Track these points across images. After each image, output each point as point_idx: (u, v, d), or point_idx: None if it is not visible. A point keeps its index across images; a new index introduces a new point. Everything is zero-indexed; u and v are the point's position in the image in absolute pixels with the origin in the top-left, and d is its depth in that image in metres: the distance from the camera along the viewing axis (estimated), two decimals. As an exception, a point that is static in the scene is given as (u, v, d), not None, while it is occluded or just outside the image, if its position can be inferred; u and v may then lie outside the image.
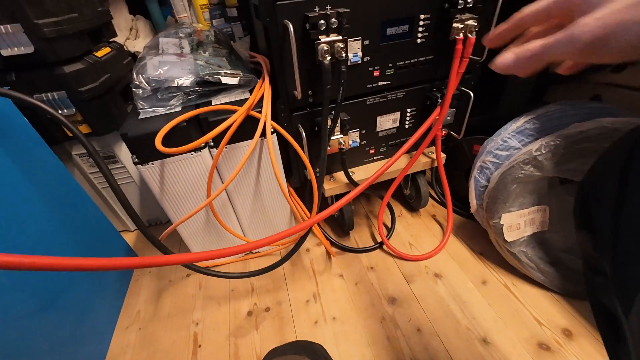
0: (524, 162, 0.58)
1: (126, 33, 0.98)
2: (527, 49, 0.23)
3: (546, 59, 0.22)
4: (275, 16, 0.47)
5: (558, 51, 0.21)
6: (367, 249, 0.75)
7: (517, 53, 0.23)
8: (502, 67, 0.24)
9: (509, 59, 0.24)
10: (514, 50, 0.24)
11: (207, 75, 0.54)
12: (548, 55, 0.22)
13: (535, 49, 0.22)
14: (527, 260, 0.62)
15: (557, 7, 0.22)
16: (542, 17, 0.24)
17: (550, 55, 0.22)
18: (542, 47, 0.22)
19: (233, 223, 0.69)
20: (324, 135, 0.57)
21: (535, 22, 0.25)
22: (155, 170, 0.54)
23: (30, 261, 0.21)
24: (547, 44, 0.22)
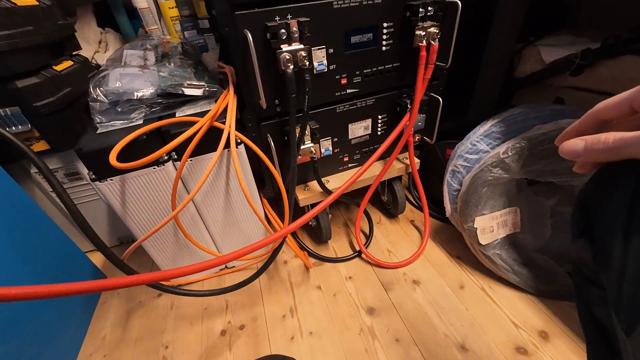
0: (493, 165, 0.58)
1: (95, 46, 0.96)
2: (601, 140, 0.21)
3: (622, 154, 0.21)
4: (234, 26, 0.46)
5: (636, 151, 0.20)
6: (345, 259, 0.74)
7: (589, 142, 0.22)
8: (569, 153, 0.23)
9: (579, 147, 0.23)
10: (585, 139, 0.22)
11: (168, 87, 0.53)
12: (623, 152, 0.20)
13: (610, 141, 0.21)
14: (501, 263, 0.63)
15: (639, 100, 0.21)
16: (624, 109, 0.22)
17: (627, 152, 0.20)
18: (620, 141, 0.20)
19: (205, 238, 0.66)
20: (293, 144, 0.56)
21: (615, 113, 0.22)
22: (115, 187, 0.51)
23: None
24: (624, 140, 0.20)
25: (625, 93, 0.22)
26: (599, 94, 0.65)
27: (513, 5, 0.65)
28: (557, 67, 0.68)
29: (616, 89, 0.63)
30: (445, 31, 0.59)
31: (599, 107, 0.23)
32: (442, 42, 0.58)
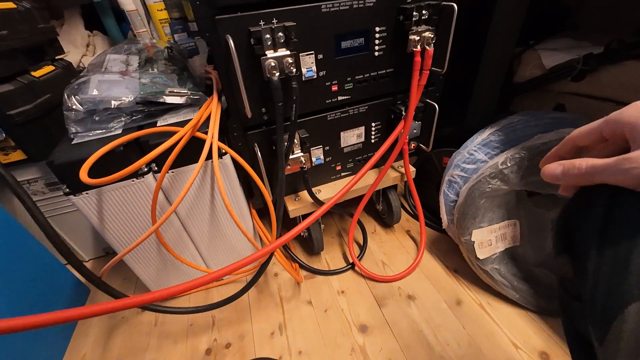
0: (491, 176, 0.56)
1: (82, 49, 0.93)
2: (575, 166, 0.23)
3: (594, 180, 0.23)
4: (216, 31, 0.43)
5: (606, 177, 0.22)
6: (337, 271, 0.71)
7: (565, 168, 0.24)
8: (550, 177, 0.25)
9: (557, 171, 0.25)
10: (563, 163, 0.24)
11: (148, 95, 0.50)
12: (595, 177, 0.22)
13: (583, 168, 0.23)
14: (500, 279, 0.60)
15: (609, 129, 0.23)
16: (595, 137, 0.24)
17: (598, 179, 0.22)
18: (591, 168, 0.22)
19: (191, 252, 0.63)
20: (281, 155, 0.53)
21: (588, 141, 0.25)
22: (92, 200, 0.49)
23: None
24: (596, 166, 0.22)
25: (596, 122, 0.24)
26: (602, 100, 0.62)
27: (511, 7, 0.63)
28: (558, 72, 0.66)
29: (621, 95, 0.60)
30: (441, 35, 0.56)
31: (574, 134, 0.26)
32: (437, 47, 0.55)
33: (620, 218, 0.22)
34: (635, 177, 0.20)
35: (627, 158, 0.20)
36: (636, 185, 0.20)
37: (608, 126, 0.23)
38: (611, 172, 0.21)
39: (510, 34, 0.66)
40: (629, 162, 0.20)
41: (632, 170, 0.20)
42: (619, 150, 0.23)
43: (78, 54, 0.91)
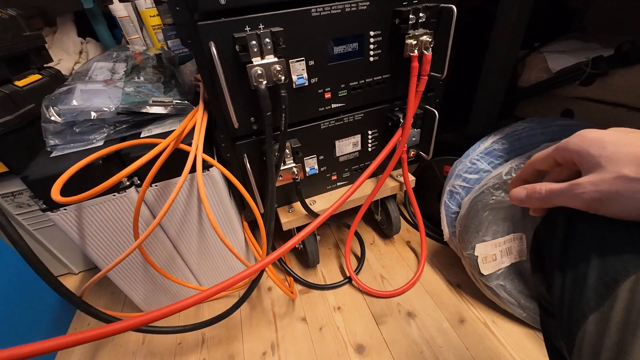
0: (495, 187, 0.52)
1: (75, 57, 0.92)
2: (536, 190, 0.25)
3: (553, 203, 0.25)
4: (198, 38, 0.41)
5: (562, 201, 0.24)
6: (333, 286, 0.67)
7: (528, 192, 0.26)
8: (516, 200, 0.27)
9: (521, 195, 0.27)
10: (526, 187, 0.26)
11: (130, 105, 0.48)
12: (553, 201, 0.24)
13: (543, 192, 0.25)
14: (506, 296, 0.56)
15: (560, 156, 0.25)
16: (550, 162, 0.26)
17: (556, 202, 0.24)
18: (549, 193, 0.24)
19: (180, 267, 0.61)
20: (271, 167, 0.50)
21: (545, 166, 0.27)
22: (71, 217, 0.46)
23: None
24: (553, 192, 0.24)
25: (549, 149, 0.26)
26: (613, 105, 0.59)
27: (515, 8, 0.59)
28: (565, 76, 0.62)
29: (634, 100, 0.56)
30: (440, 39, 0.53)
31: (533, 159, 0.28)
32: (436, 51, 0.52)
33: (575, 239, 0.25)
34: (584, 201, 0.22)
35: (577, 184, 0.22)
36: (587, 207, 0.22)
37: (558, 153, 0.25)
38: (565, 196, 0.23)
39: (514, 36, 0.63)
40: (578, 188, 0.22)
41: (582, 194, 0.22)
42: (574, 174, 0.25)
43: (70, 61, 0.90)
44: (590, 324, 0.21)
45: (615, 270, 0.21)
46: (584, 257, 0.23)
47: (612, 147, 0.21)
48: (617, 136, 0.22)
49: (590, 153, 0.22)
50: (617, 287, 0.21)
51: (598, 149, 0.22)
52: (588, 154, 0.22)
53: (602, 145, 0.21)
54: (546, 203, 0.25)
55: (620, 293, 0.20)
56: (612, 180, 0.20)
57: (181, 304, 0.33)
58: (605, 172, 0.21)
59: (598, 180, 0.21)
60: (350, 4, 0.46)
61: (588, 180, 0.22)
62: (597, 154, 0.21)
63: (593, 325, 0.21)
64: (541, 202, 0.25)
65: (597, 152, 0.21)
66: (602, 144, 0.22)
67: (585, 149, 0.22)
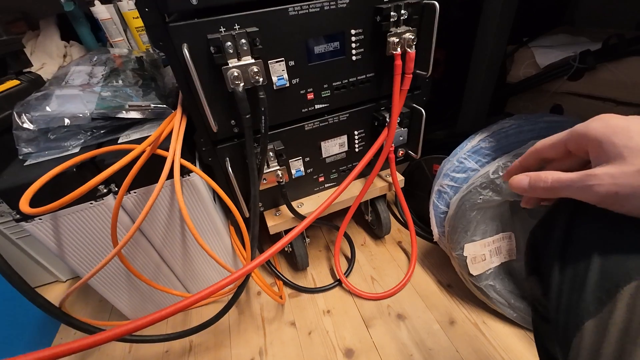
0: (482, 187, 0.51)
1: (59, 60, 0.90)
2: (541, 179, 0.23)
3: (559, 194, 0.23)
4: (170, 40, 0.40)
5: (570, 193, 0.22)
6: (323, 289, 0.67)
7: (532, 180, 0.24)
8: (517, 189, 0.25)
9: (523, 183, 0.25)
10: (529, 175, 0.24)
11: (106, 110, 0.47)
12: (560, 192, 0.22)
13: (549, 182, 0.23)
14: (496, 296, 0.55)
15: (574, 143, 0.22)
16: (561, 150, 0.24)
17: (563, 193, 0.22)
18: (557, 183, 0.22)
19: (165, 273, 0.60)
20: (253, 170, 0.49)
21: (553, 153, 0.25)
22: (47, 226, 0.45)
23: None
24: (561, 181, 0.22)
25: (561, 134, 0.23)
26: (602, 100, 0.58)
27: (502, 2, 0.58)
28: (553, 71, 0.61)
29: (622, 94, 0.55)
30: (424, 36, 0.52)
31: (538, 146, 0.25)
32: (420, 49, 0.51)
33: (577, 238, 0.23)
34: (598, 194, 0.20)
35: (591, 174, 0.20)
36: (599, 202, 0.20)
37: (573, 139, 0.22)
38: (575, 188, 0.21)
39: (500, 32, 0.61)
40: (593, 179, 0.20)
41: (596, 187, 0.20)
42: (581, 163, 0.23)
43: (54, 65, 0.88)
44: (588, 330, 0.20)
45: (617, 275, 0.20)
46: (584, 260, 0.22)
47: (639, 138, 0.19)
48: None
49: (614, 142, 0.19)
50: (618, 293, 0.19)
51: (624, 138, 0.19)
52: (611, 142, 0.20)
53: (628, 134, 0.19)
54: (551, 193, 0.23)
55: (621, 299, 0.19)
56: (634, 174, 0.18)
57: (162, 313, 0.32)
58: (627, 164, 0.19)
59: (618, 172, 0.19)
60: (330, 2, 0.45)
61: (606, 171, 0.19)
62: (622, 144, 0.19)
63: (591, 332, 0.20)
64: (546, 192, 0.23)
65: (623, 141, 0.19)
66: (629, 133, 0.19)
67: (609, 137, 0.20)
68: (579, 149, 0.22)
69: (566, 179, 0.22)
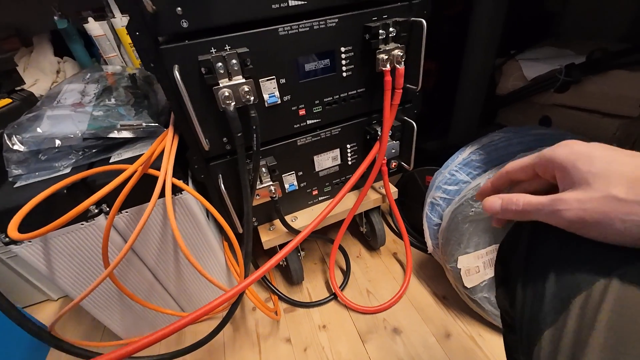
0: (473, 199, 0.52)
1: (52, 76, 0.90)
2: (513, 201, 0.24)
3: (529, 217, 0.23)
4: (161, 62, 0.40)
5: (540, 216, 0.22)
6: (318, 303, 0.66)
7: (504, 202, 0.25)
8: (490, 211, 0.26)
9: (496, 205, 0.25)
10: (502, 197, 0.25)
11: (97, 130, 0.47)
12: (530, 215, 0.23)
13: (520, 206, 0.23)
14: (491, 308, 0.55)
15: (542, 167, 0.23)
16: (529, 172, 0.25)
17: (533, 216, 0.23)
18: (527, 206, 0.23)
19: (159, 292, 0.59)
20: (245, 187, 0.49)
21: (522, 176, 0.25)
22: (37, 249, 0.45)
23: None
24: (531, 205, 0.23)
25: (530, 158, 0.24)
26: (588, 112, 0.59)
27: (489, 16, 0.60)
28: (540, 83, 0.62)
29: (606, 106, 0.57)
30: (412, 52, 0.53)
31: (508, 168, 0.26)
32: (409, 64, 0.52)
33: (536, 254, 0.24)
34: (565, 219, 0.21)
35: (560, 199, 0.21)
36: (567, 226, 0.21)
37: (541, 164, 0.23)
38: (545, 212, 0.22)
39: (488, 45, 0.63)
40: (561, 204, 0.21)
41: (564, 212, 0.20)
42: (549, 185, 0.24)
43: (47, 81, 0.88)
44: (546, 339, 0.21)
45: (569, 286, 0.21)
46: (543, 273, 0.23)
47: (600, 164, 0.20)
48: (606, 153, 0.20)
49: (578, 167, 0.20)
50: (570, 303, 0.20)
51: (586, 163, 0.20)
52: (575, 167, 0.21)
53: (590, 160, 0.20)
54: (522, 216, 0.24)
55: (572, 309, 0.20)
56: (600, 200, 0.19)
57: (156, 336, 0.31)
58: (593, 190, 0.19)
59: (584, 197, 0.20)
60: (319, 21, 0.46)
61: (573, 196, 0.20)
62: (585, 169, 0.20)
63: (548, 341, 0.21)
64: (517, 215, 0.24)
65: (585, 167, 0.20)
66: (590, 159, 0.20)
67: (573, 162, 0.21)
68: (546, 173, 0.23)
69: (536, 202, 0.22)
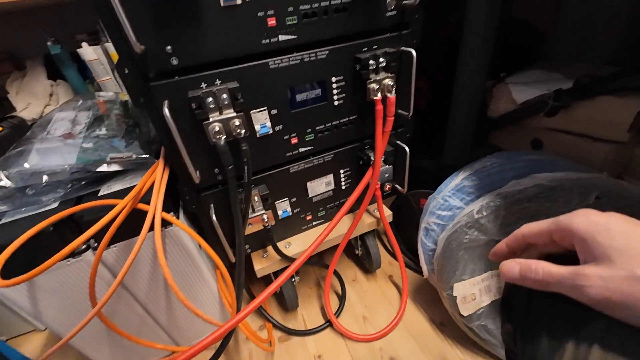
0: (467, 226, 0.52)
1: (45, 100, 0.90)
2: (532, 269, 0.23)
3: (548, 288, 0.23)
4: (151, 98, 0.40)
5: (561, 288, 0.21)
6: (314, 331, 0.65)
7: (522, 270, 0.24)
8: (509, 277, 0.25)
9: (514, 272, 0.25)
10: (520, 263, 0.24)
11: (86, 164, 0.46)
12: (551, 287, 0.22)
13: (540, 275, 0.23)
14: (489, 337, 0.54)
15: (559, 234, 0.23)
16: (546, 238, 0.24)
17: (553, 288, 0.22)
18: (548, 277, 0.22)
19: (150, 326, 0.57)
20: (237, 219, 0.49)
21: (539, 241, 0.25)
22: (20, 288, 0.43)
23: None
24: (552, 276, 0.22)
25: (545, 223, 0.24)
26: (578, 136, 0.59)
27: (478, 39, 0.60)
28: (530, 107, 0.63)
29: (595, 131, 0.57)
30: (403, 80, 0.53)
31: (525, 231, 0.26)
32: (400, 92, 0.53)
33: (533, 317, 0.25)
34: (589, 296, 0.20)
35: (581, 274, 0.20)
36: (591, 304, 0.20)
37: (558, 232, 0.23)
38: (565, 285, 0.21)
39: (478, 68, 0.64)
40: (584, 279, 0.20)
41: (587, 288, 0.20)
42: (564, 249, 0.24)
43: (40, 105, 0.88)
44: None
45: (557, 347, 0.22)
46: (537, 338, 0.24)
47: (621, 239, 0.19)
48: (626, 227, 0.20)
49: (598, 241, 0.20)
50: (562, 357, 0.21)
51: (606, 237, 0.19)
52: (595, 241, 0.20)
53: (609, 234, 0.19)
54: (542, 286, 0.23)
55: None
56: (624, 280, 0.18)
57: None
58: (616, 267, 0.19)
59: (607, 275, 0.19)
60: (309, 54, 0.46)
61: (596, 273, 0.19)
62: (606, 244, 0.19)
63: None
64: (536, 284, 0.23)
65: (606, 241, 0.19)
66: (609, 232, 0.19)
67: (592, 235, 0.20)
68: (563, 241, 0.23)
69: (557, 274, 0.22)
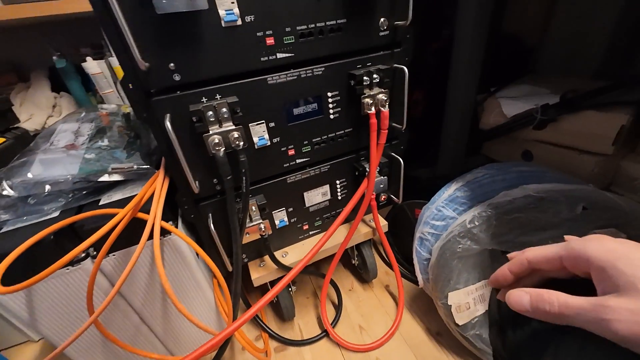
0: (460, 236, 0.53)
1: (48, 111, 0.92)
2: (545, 300, 0.21)
3: (565, 322, 0.20)
4: (153, 111, 0.42)
5: (582, 323, 0.19)
6: (310, 341, 0.65)
7: (533, 300, 0.22)
8: (518, 307, 0.23)
9: (524, 302, 0.22)
10: (529, 293, 0.22)
11: (88, 175, 0.47)
12: (569, 320, 0.20)
13: (555, 307, 0.20)
14: (483, 346, 0.55)
15: (572, 261, 0.21)
16: (555, 264, 0.22)
17: (572, 322, 0.20)
18: (565, 309, 0.20)
19: (145, 335, 0.57)
20: (234, 229, 0.49)
21: (547, 267, 0.23)
22: (17, 296, 0.44)
23: None
24: (570, 309, 0.20)
25: (554, 248, 0.22)
26: (566, 148, 0.62)
27: (468, 54, 0.63)
28: (519, 121, 0.66)
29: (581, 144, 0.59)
30: (396, 95, 0.56)
31: (529, 257, 0.24)
32: (394, 106, 0.55)
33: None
34: (618, 332, 0.17)
35: (605, 306, 0.18)
36: (620, 341, 0.17)
37: (571, 259, 0.21)
38: (586, 319, 0.19)
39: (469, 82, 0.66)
40: (609, 312, 0.18)
41: (615, 323, 0.17)
42: (572, 275, 0.22)
43: (42, 116, 0.90)
44: None
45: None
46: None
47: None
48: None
49: (620, 269, 0.18)
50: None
51: (629, 266, 0.18)
52: (616, 269, 0.18)
53: (631, 262, 0.18)
54: (557, 320, 0.20)
55: None
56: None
57: None
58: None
59: (638, 308, 0.17)
60: (306, 70, 0.48)
61: (622, 305, 0.17)
62: (630, 272, 0.17)
63: None
64: (550, 317, 0.21)
65: (629, 270, 0.17)
66: (631, 260, 0.18)
67: (612, 263, 0.18)
68: (576, 268, 0.21)
69: (576, 306, 0.19)
